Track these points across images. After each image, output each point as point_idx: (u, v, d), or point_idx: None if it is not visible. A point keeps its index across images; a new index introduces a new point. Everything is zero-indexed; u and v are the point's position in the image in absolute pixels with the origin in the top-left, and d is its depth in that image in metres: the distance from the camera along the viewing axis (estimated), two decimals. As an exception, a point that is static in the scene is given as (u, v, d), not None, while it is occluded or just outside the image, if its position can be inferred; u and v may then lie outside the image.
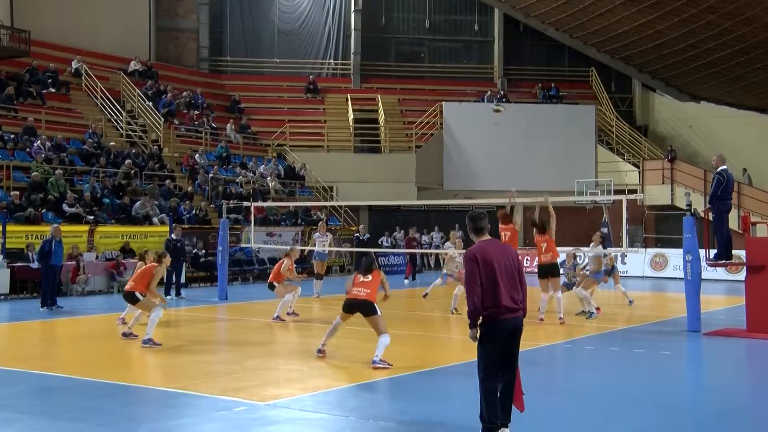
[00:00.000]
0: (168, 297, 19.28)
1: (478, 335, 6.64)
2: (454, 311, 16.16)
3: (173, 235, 20.13)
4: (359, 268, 11.13)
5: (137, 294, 12.28)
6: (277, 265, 15.77)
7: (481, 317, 6.61)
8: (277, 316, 14.88)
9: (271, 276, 15.75)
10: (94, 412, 7.75)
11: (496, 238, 7.03)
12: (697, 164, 34.60)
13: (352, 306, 10.60)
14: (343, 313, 10.76)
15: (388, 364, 10.04)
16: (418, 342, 12.98)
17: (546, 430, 7.15)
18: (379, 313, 10.40)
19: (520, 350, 6.79)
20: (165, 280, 19.64)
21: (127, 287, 12.65)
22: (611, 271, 17.56)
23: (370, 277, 10.75)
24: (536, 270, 15.46)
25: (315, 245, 20.66)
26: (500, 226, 14.54)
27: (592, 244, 16.92)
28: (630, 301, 17.74)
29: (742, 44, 32.85)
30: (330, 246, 20.78)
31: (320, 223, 23.01)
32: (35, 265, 18.98)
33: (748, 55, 33.57)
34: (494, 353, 6.60)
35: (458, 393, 8.63)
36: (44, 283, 17.29)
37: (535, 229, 15.40)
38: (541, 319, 14.41)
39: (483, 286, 6.58)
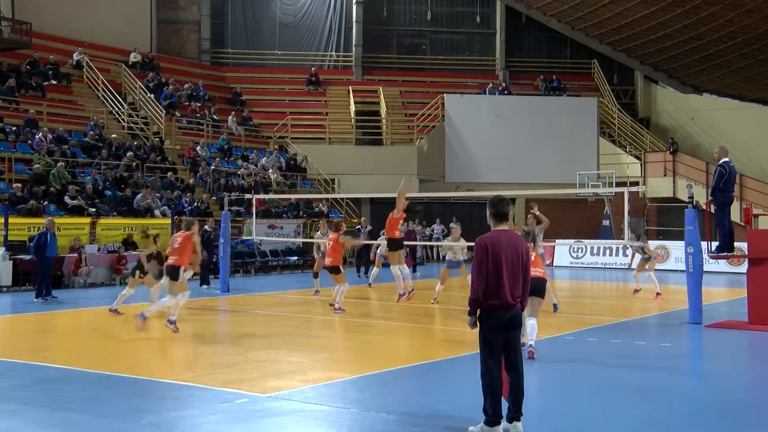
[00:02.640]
0: (205, 287, 19.52)
1: (476, 323, 6.65)
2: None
3: (207, 227, 20.32)
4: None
5: (181, 269, 12.55)
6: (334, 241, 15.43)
7: (479, 308, 6.62)
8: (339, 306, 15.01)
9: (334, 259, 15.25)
10: (95, 403, 7.76)
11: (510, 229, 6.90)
12: (699, 156, 34.58)
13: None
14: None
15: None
16: (420, 334, 13.00)
17: (548, 422, 7.16)
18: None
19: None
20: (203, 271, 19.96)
21: (170, 261, 12.80)
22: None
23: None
24: None
25: (319, 244, 20.38)
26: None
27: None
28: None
29: (744, 36, 32.78)
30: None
31: (321, 221, 22.84)
32: (28, 257, 19.04)
33: (750, 46, 33.50)
34: (494, 344, 6.59)
35: (460, 385, 8.63)
36: (40, 275, 17.36)
37: None
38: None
39: (488, 277, 6.57)
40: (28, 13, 29.65)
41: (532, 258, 11.11)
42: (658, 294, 17.58)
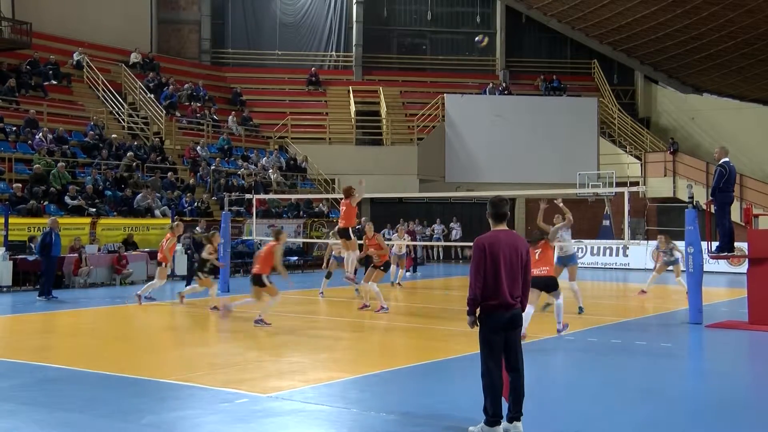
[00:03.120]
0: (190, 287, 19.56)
1: (476, 323, 6.67)
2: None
3: (198, 228, 20.26)
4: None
5: (264, 277, 13.12)
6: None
7: (479, 308, 6.63)
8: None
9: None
10: (95, 403, 7.76)
11: (512, 229, 6.93)
12: (699, 156, 34.58)
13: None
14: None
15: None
16: (420, 334, 12.99)
17: (548, 422, 7.15)
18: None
19: (522, 341, 6.78)
20: (187, 271, 19.91)
21: (253, 270, 13.42)
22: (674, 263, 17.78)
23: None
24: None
25: (333, 250, 20.22)
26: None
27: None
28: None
29: (744, 36, 32.78)
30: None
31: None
32: (32, 257, 19.04)
33: (751, 46, 33.50)
34: (494, 344, 6.60)
35: (461, 385, 8.64)
36: (46, 274, 17.38)
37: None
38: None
39: (486, 277, 6.57)
40: (28, 13, 29.65)
41: (535, 257, 11.47)
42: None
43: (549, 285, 12.02)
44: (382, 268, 15.50)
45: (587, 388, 8.88)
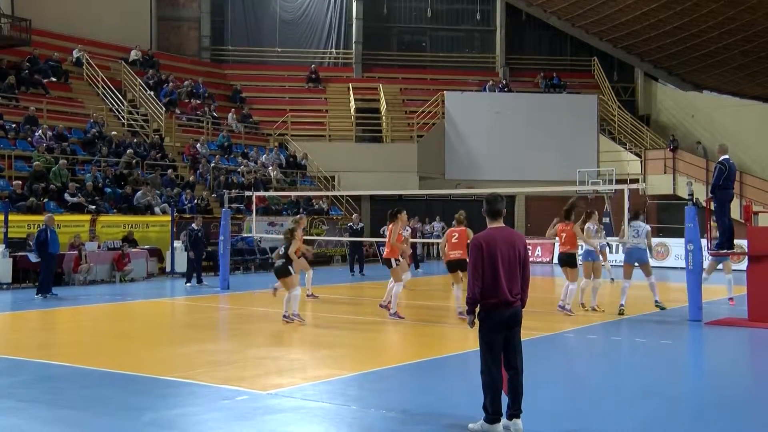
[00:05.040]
0: (188, 284, 19.49)
1: (475, 322, 6.67)
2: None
3: (194, 225, 20.28)
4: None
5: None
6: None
7: (478, 306, 6.63)
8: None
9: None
10: (95, 401, 7.76)
11: (509, 226, 6.93)
12: (699, 153, 34.58)
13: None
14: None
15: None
16: (420, 332, 12.99)
17: (548, 420, 7.16)
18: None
19: (522, 339, 6.78)
20: (187, 268, 19.94)
21: (454, 257, 13.55)
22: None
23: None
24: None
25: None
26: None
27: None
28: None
29: (745, 33, 32.76)
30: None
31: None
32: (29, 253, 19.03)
33: (751, 43, 33.49)
34: (494, 342, 6.60)
35: (461, 383, 8.64)
36: (44, 271, 17.34)
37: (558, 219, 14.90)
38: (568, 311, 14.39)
39: (485, 275, 6.57)
40: (27, 10, 29.63)
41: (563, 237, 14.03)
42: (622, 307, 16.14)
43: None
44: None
45: (587, 385, 8.88)
